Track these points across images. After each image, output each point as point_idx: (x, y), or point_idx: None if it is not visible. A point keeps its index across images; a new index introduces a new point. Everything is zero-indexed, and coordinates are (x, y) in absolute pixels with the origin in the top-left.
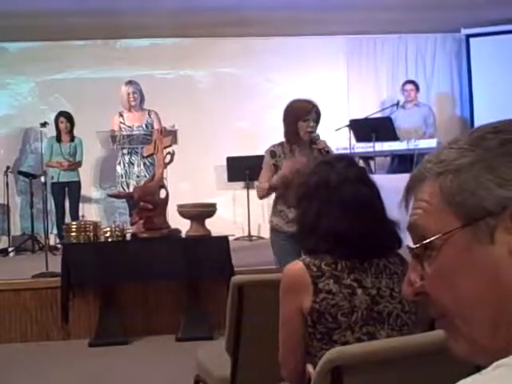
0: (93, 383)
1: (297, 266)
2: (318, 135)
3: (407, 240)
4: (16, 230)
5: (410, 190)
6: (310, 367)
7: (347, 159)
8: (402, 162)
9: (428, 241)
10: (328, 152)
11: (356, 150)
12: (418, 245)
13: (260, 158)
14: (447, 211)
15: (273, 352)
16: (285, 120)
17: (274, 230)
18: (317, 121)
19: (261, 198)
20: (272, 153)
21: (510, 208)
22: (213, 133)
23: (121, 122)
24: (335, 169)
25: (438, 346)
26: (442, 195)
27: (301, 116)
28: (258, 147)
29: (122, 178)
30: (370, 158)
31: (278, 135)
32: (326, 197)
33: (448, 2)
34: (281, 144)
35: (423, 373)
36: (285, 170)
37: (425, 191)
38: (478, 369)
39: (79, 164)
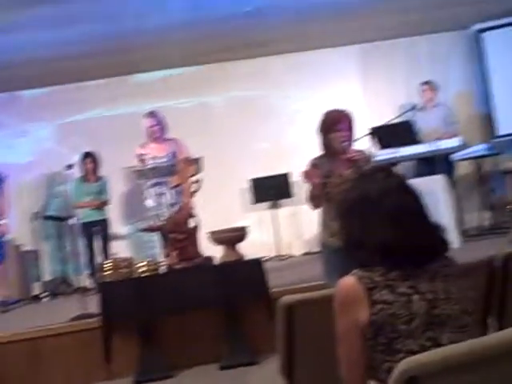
0: None
1: (349, 280)
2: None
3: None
4: (47, 275)
5: None
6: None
7: (386, 170)
8: (426, 164)
9: None
10: (357, 161)
11: (378, 158)
12: None
13: (283, 176)
14: None
15: (328, 370)
16: (318, 132)
17: (321, 244)
18: (350, 129)
19: (314, 207)
20: (314, 165)
21: None
22: (234, 156)
23: (143, 154)
24: (375, 181)
25: None
26: None
27: (331, 127)
28: (281, 165)
29: (154, 210)
30: (394, 164)
31: (299, 150)
32: (369, 210)
33: (455, 0)
34: (320, 157)
35: (503, 375)
36: (313, 180)
37: None
38: None
39: (107, 202)
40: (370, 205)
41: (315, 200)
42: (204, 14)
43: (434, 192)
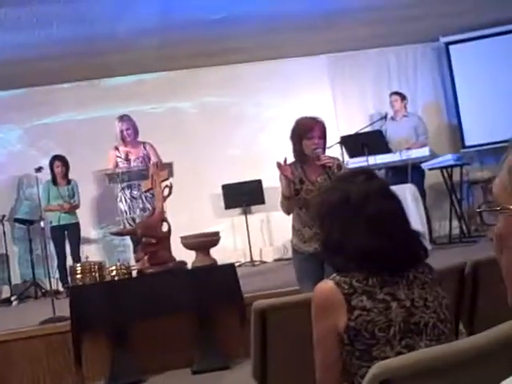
0: None
1: (328, 285)
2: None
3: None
4: (16, 279)
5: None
6: None
7: (366, 173)
8: (396, 173)
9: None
10: (330, 168)
11: (350, 166)
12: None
13: (255, 182)
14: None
15: (301, 374)
16: (291, 139)
17: (293, 250)
18: (323, 137)
19: (286, 212)
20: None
21: None
22: (206, 162)
23: (117, 156)
24: (355, 184)
25: (488, 350)
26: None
27: (304, 134)
28: (253, 172)
29: (126, 214)
30: None
31: (271, 157)
32: (348, 214)
33: (424, 13)
34: (293, 163)
35: (473, 379)
36: (286, 173)
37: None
38: None
39: (77, 206)
40: (350, 208)
41: (287, 203)
42: (176, 20)
43: (404, 200)
